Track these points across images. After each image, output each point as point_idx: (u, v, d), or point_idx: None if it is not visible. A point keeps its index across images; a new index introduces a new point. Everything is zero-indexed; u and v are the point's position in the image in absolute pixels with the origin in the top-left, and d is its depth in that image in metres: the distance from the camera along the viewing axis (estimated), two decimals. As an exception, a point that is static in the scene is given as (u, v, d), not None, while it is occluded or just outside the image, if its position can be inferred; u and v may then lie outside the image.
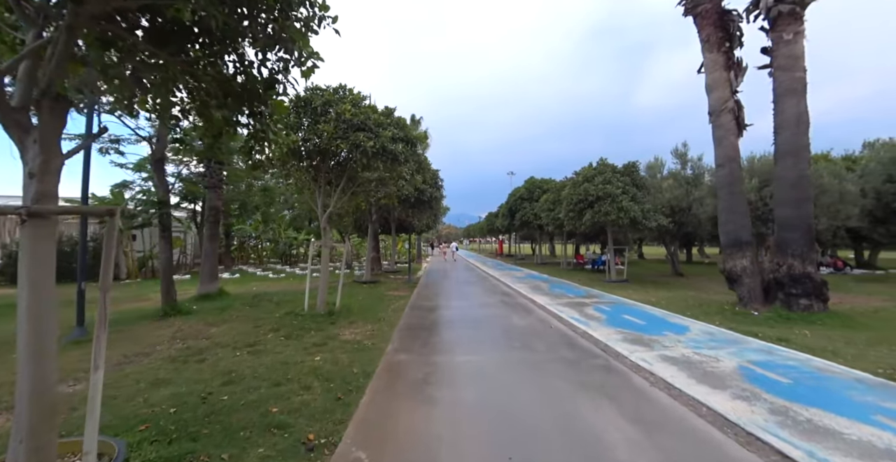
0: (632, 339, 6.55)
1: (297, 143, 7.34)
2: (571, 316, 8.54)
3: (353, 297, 11.36)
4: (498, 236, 44.24)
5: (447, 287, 14.19)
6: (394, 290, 13.17)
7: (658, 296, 11.53)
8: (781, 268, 8.12)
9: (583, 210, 14.65)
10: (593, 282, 15.26)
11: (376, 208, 14.71)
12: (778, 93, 8.32)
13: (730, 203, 8.96)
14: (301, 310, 8.66)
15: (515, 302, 10.65)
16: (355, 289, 13.18)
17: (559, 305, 9.88)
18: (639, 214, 13.70)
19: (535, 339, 6.61)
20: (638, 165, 15.29)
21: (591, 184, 14.45)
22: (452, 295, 12.14)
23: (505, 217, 28.22)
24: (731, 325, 7.52)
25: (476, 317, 8.57)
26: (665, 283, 15.05)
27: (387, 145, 7.49)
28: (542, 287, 13.75)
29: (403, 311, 9.10)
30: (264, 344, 6.12)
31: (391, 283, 14.91)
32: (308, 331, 7.02)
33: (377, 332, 7.10)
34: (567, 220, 15.64)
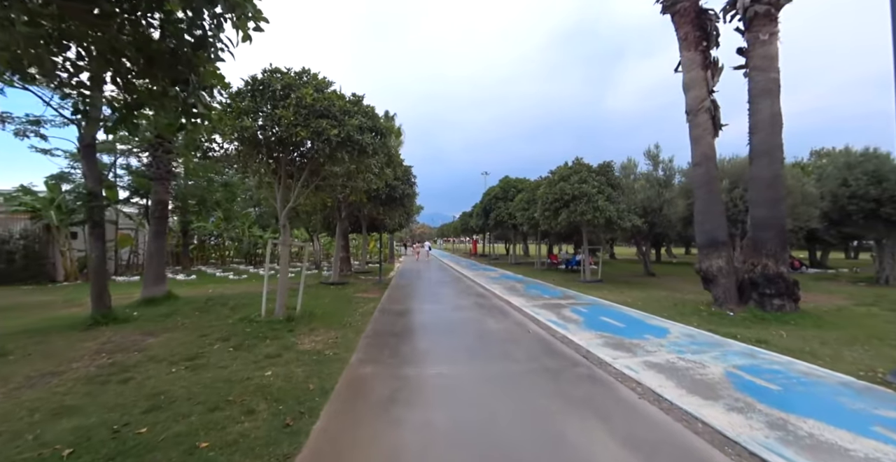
0: (613, 344, 6.22)
1: (251, 129, 6.57)
2: (549, 318, 8.18)
3: (318, 299, 10.60)
4: (472, 236, 44.02)
5: (420, 288, 13.61)
6: (363, 291, 12.46)
7: (633, 296, 11.42)
8: (756, 268, 8.08)
9: (558, 209, 14.45)
10: (568, 282, 15.10)
11: (345, 205, 13.94)
12: (753, 93, 8.28)
13: (706, 202, 8.88)
14: (257, 315, 7.87)
15: (491, 304, 10.22)
16: (322, 291, 12.38)
17: (535, 307, 9.53)
18: (614, 214, 13.62)
19: (512, 346, 6.16)
20: (613, 165, 15.26)
21: (567, 183, 14.26)
22: (425, 297, 11.58)
23: (479, 216, 27.92)
24: (709, 327, 7.37)
25: (450, 321, 8.06)
26: (638, 283, 15.10)
27: (353, 135, 6.84)
28: (518, 288, 13.42)
29: (372, 316, 8.46)
30: (208, 357, 5.36)
31: (361, 285, 14.17)
32: (262, 340, 6.27)
33: (341, 339, 6.45)
34: (542, 219, 15.42)
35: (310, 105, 6.68)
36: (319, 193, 9.27)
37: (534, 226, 20.29)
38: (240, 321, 7.54)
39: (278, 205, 7.81)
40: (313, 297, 10.92)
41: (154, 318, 7.88)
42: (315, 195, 9.30)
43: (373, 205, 13.19)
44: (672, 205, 16.87)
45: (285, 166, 7.79)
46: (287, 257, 8.08)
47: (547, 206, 14.85)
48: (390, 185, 12.28)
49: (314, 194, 9.23)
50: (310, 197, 9.39)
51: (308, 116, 6.67)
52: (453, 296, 11.75)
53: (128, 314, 7.95)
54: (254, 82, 7.18)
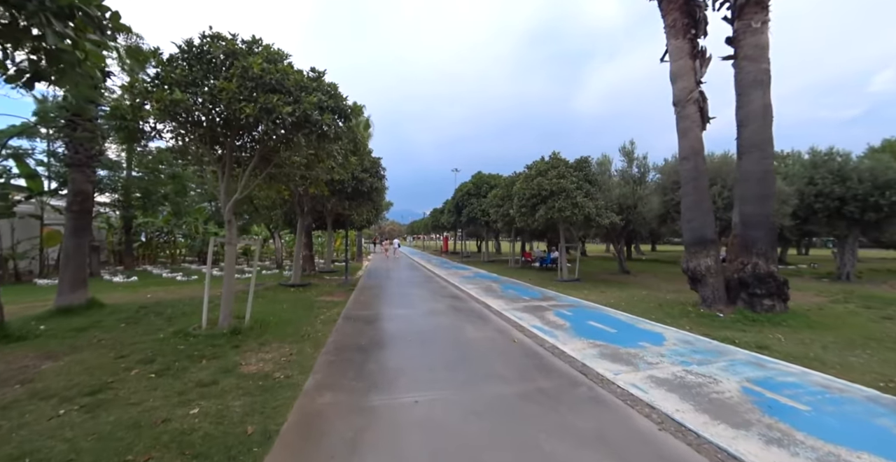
0: (610, 355, 5.55)
1: (184, 104, 5.35)
2: (533, 324, 7.46)
3: (274, 304, 9.40)
4: (443, 233, 43.19)
5: (389, 290, 12.61)
6: (327, 294, 11.31)
7: (615, 296, 10.97)
8: (746, 267, 7.71)
9: (536, 205, 13.85)
10: (545, 281, 14.57)
11: (307, 199, 12.68)
12: (743, 84, 7.89)
13: (695, 198, 8.45)
14: (197, 327, 6.65)
15: (467, 307, 9.41)
16: (280, 294, 11.13)
17: (517, 311, 8.81)
18: (593, 211, 13.18)
19: (498, 361, 5.35)
20: (590, 161, 14.83)
21: (544, 178, 13.67)
22: (395, 300, 10.60)
23: (451, 213, 27.12)
24: (703, 331, 6.89)
25: (424, 329, 7.15)
26: (616, 281, 14.79)
27: (311, 114, 5.76)
28: (494, 288, 12.71)
29: (334, 324, 7.42)
30: (118, 388, 4.19)
31: (324, 286, 12.98)
32: (196, 361, 5.13)
33: (296, 356, 5.41)
34: (519, 216, 14.79)
35: (257, 76, 5.54)
36: (274, 185, 8.07)
37: (508, 223, 19.71)
38: (174, 335, 6.29)
39: (221, 197, 6.60)
40: (269, 302, 9.70)
41: (64, 333, 6.47)
42: (269, 186, 8.10)
43: (337, 199, 12.03)
44: (646, 202, 16.74)
45: (231, 152, 6.59)
46: (233, 258, 6.89)
47: (524, 202, 14.22)
48: (357, 177, 11.18)
49: (267, 185, 8.04)
50: (262, 188, 8.19)
51: (255, 90, 5.54)
52: (426, 298, 10.84)
53: (30, 329, 6.49)
54: (189, 48, 5.93)
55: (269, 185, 8.17)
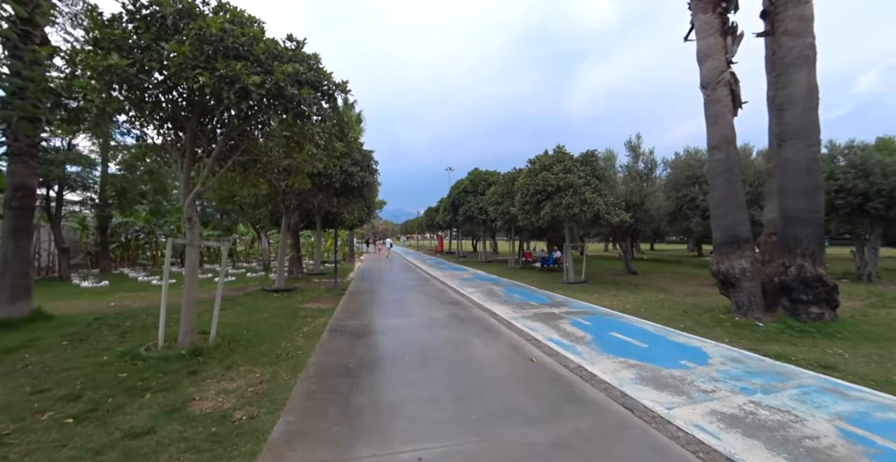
0: (652, 379, 4.57)
1: (122, 72, 4.24)
2: (550, 337, 6.46)
3: (253, 314, 8.29)
4: (437, 232, 42.11)
5: (383, 295, 11.54)
6: (313, 300, 10.21)
7: (630, 301, 10.02)
8: (789, 269, 6.78)
9: (540, 202, 12.87)
10: (550, 283, 13.61)
11: (294, 195, 11.55)
12: (785, 62, 6.95)
13: (727, 192, 7.51)
14: (152, 345, 5.55)
15: (471, 315, 8.38)
16: (262, 301, 10.01)
17: (527, 320, 7.81)
18: (603, 208, 12.23)
19: (518, 389, 4.33)
20: (597, 155, 13.88)
21: (549, 173, 12.69)
22: (389, 307, 9.54)
23: (447, 211, 26.08)
24: (747, 344, 5.95)
25: (424, 345, 6.11)
26: (626, 283, 13.86)
27: (285, 87, 4.69)
28: (497, 292, 11.70)
29: (318, 339, 6.34)
30: (11, 445, 3.09)
31: (312, 291, 11.87)
32: (137, 395, 4.04)
33: (267, 385, 4.35)
34: (521, 213, 13.79)
35: (217, 38, 4.45)
36: (250, 178, 6.97)
37: (508, 221, 18.73)
38: (120, 358, 5.19)
39: (181, 188, 5.51)
40: (247, 311, 8.58)
41: (-14, 354, 5.33)
42: (242, 179, 7.00)
43: (325, 195, 10.93)
44: (654, 199, 15.87)
45: (193, 137, 5.49)
46: (194, 262, 5.79)
47: (527, 198, 13.22)
48: (346, 171, 10.10)
49: (241, 178, 6.94)
50: (234, 181, 7.08)
51: (214, 55, 4.44)
52: (424, 304, 9.80)
53: (-56, 350, 5.34)
54: (136, 6, 4.82)
55: (244, 178, 7.07)
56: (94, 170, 18.81)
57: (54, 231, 16.87)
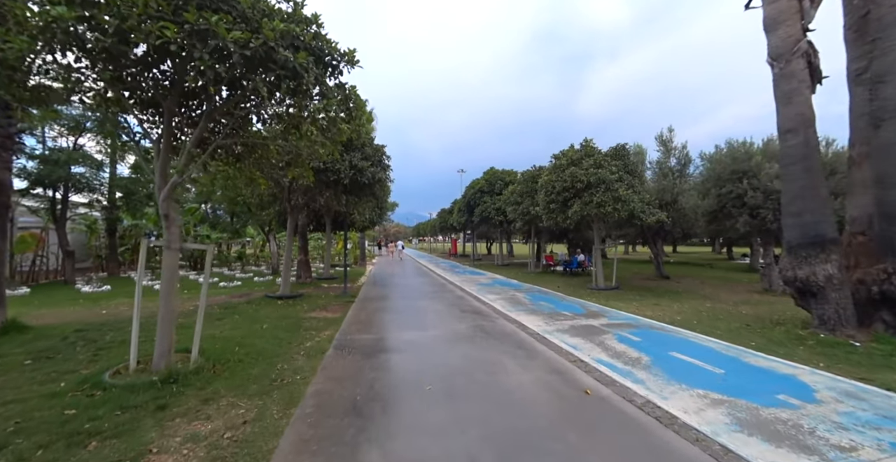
0: (756, 426, 3.43)
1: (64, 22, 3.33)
2: (598, 358, 5.35)
3: (251, 325, 7.37)
4: (451, 234, 41.04)
5: (397, 302, 10.53)
6: (320, 309, 9.26)
7: (675, 310, 8.81)
8: (892, 277, 5.52)
9: (568, 200, 11.72)
10: (578, 289, 12.43)
11: (300, 194, 10.65)
12: (884, 23, 5.75)
13: (805, 184, 6.29)
14: (123, 368, 4.63)
15: (498, 329, 7.30)
16: (263, 309, 9.10)
17: (564, 334, 6.70)
18: (638, 206, 11.03)
19: (582, 442, 3.23)
20: (628, 149, 12.67)
21: (578, 168, 11.54)
22: (404, 317, 8.53)
23: (461, 213, 25.02)
24: (851, 371, 4.75)
25: (448, 368, 5.06)
26: (661, 289, 12.59)
27: (276, 50, 3.73)
28: (522, 299, 10.59)
29: (321, 359, 5.35)
30: None
31: (319, 298, 10.93)
32: (80, 444, 3.08)
33: (250, 429, 3.36)
34: (546, 213, 12.65)
35: (188, -16, 3.51)
36: (244, 170, 6.03)
37: (529, 221, 17.58)
38: (80, 384, 4.26)
39: (156, 179, 4.59)
40: (244, 322, 7.66)
41: (-72, 378, 4.47)
42: (236, 172, 6.07)
43: (333, 193, 10.00)
44: (688, 196, 14.55)
45: (170, 118, 4.58)
46: (172, 267, 4.85)
47: (552, 196, 12.08)
48: (356, 166, 9.15)
49: (235, 171, 6.01)
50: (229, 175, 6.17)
51: (184, 5, 3.50)
52: (443, 314, 8.75)
53: None
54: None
55: (238, 172, 6.14)
56: (101, 171, 18.33)
57: (59, 234, 16.37)
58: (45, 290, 13.83)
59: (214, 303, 10.05)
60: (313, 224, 16.95)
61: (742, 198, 10.89)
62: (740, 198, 11.04)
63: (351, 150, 9.49)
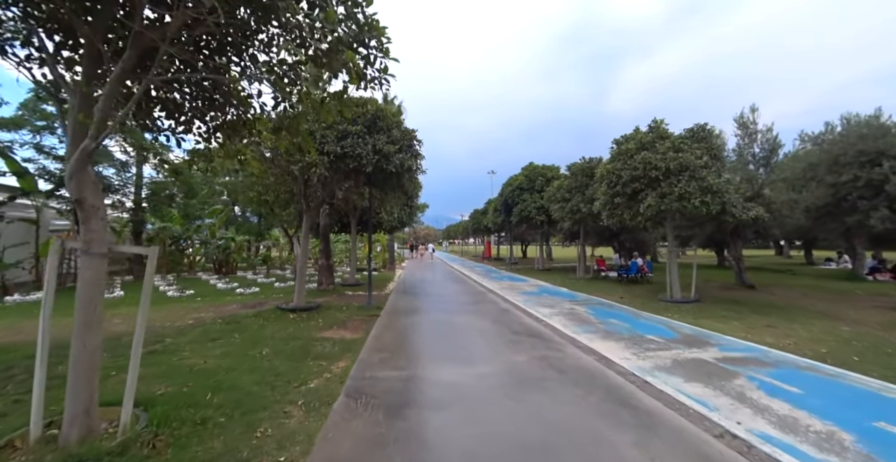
0: None
1: None
2: (758, 432, 3.30)
3: (250, 348, 5.79)
4: (485, 237, 38.94)
5: (430, 317, 8.74)
6: (337, 326, 7.59)
7: (806, 336, 6.50)
8: None
9: (639, 193, 9.53)
10: (648, 302, 10.18)
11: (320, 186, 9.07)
12: None
13: None
14: (20, 437, 3.05)
15: (571, 362, 5.33)
16: (270, 326, 7.53)
17: (672, 376, 4.64)
18: (733, 198, 8.72)
19: None
20: (711, 129, 10.30)
21: (652, 153, 9.35)
22: (441, 341, 6.70)
23: (498, 213, 23.02)
24: None
25: (517, 447, 3.16)
26: (756, 303, 10.10)
27: None
28: (584, 315, 8.52)
29: (325, 419, 3.59)
30: None
31: (339, 310, 9.28)
32: None
33: None
34: (609, 209, 10.49)
35: None
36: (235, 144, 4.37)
37: (579, 220, 15.37)
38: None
39: (67, 139, 2.99)
40: (243, 344, 6.09)
41: None
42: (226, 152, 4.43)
43: (354, 183, 8.35)
44: (778, 189, 11.93)
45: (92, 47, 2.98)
46: (95, 281, 3.22)
47: (618, 189, 9.92)
48: (381, 150, 7.44)
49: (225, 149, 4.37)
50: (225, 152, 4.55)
51: None
52: (490, 336, 6.86)
53: None
54: None
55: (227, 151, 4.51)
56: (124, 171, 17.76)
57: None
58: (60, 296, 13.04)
59: (221, 315, 8.64)
60: (338, 225, 15.51)
61: (879, 186, 8.34)
62: (873, 186, 8.48)
63: (375, 132, 7.80)
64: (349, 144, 7.36)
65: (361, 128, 7.68)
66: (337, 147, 7.26)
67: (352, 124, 7.67)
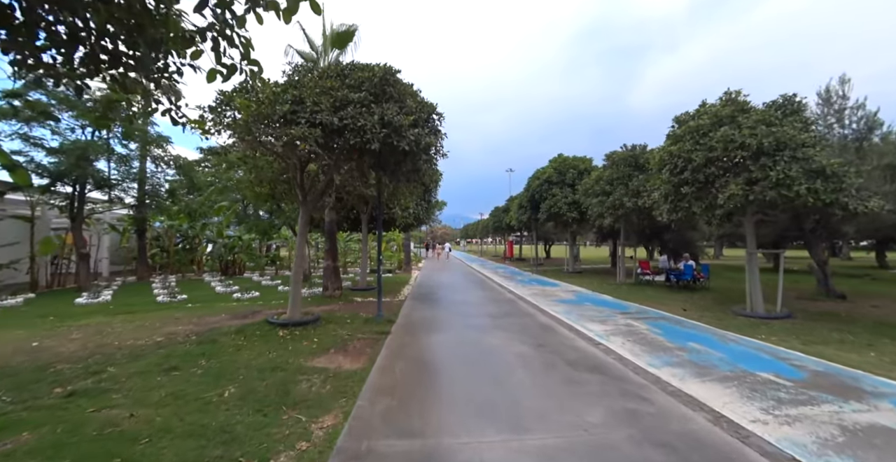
0: None
1: None
2: None
3: (211, 386, 4.19)
4: (507, 236, 36.86)
5: (452, 337, 6.99)
6: (335, 349, 5.91)
7: None
8: None
9: (715, 179, 7.53)
10: (718, 315, 8.18)
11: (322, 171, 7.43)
12: None
13: None
14: None
15: (674, 427, 3.50)
16: (249, 349, 5.92)
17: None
18: (854, 184, 6.66)
19: None
20: (803, 102, 8.17)
21: (734, 129, 7.34)
22: (471, 379, 4.92)
23: (523, 210, 21.08)
24: None
25: None
26: (872, 320, 7.95)
27: None
28: (651, 335, 6.61)
29: None
30: None
31: (340, 326, 7.60)
32: None
33: None
34: (672, 202, 8.51)
35: None
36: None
37: (622, 216, 13.35)
38: None
39: None
40: (207, 379, 4.48)
41: None
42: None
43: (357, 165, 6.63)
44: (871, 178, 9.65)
45: None
46: None
47: (686, 176, 7.93)
48: (390, 122, 5.69)
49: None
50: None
51: None
52: (537, 370, 5.05)
53: None
54: None
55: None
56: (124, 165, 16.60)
57: (74, 234, 14.73)
58: (44, 300, 11.93)
59: (199, 329, 7.13)
60: (348, 222, 13.95)
61: None
62: None
63: (383, 101, 6.09)
64: (349, 115, 5.67)
65: (366, 95, 5.98)
66: (333, 118, 5.58)
67: (353, 91, 5.98)
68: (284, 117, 5.51)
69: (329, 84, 6.00)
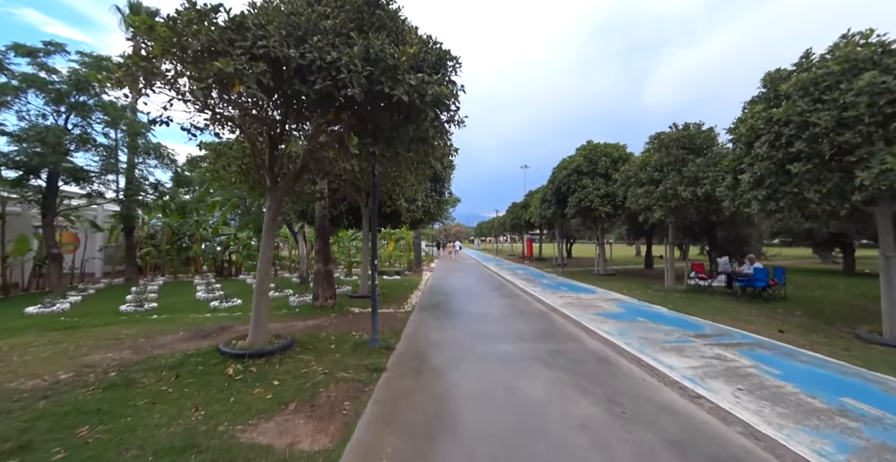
0: None
1: None
2: None
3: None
4: (524, 233, 34.44)
5: (473, 382, 4.92)
6: (293, 402, 3.92)
7: None
8: None
9: (853, 150, 5.24)
10: (850, 345, 5.90)
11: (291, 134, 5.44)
12: None
13: None
14: None
15: None
16: (166, 404, 3.96)
17: None
18: None
19: None
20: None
21: (882, 73, 5.03)
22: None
23: (547, 204, 18.79)
24: None
25: None
26: None
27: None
28: (767, 380, 4.42)
29: None
30: None
31: (317, 357, 5.59)
32: None
33: None
34: (769, 185, 6.23)
35: None
36: None
37: (675, 208, 11.03)
38: None
39: None
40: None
41: None
42: None
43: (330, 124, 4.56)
44: None
45: None
46: None
47: (801, 147, 5.65)
48: (378, 59, 3.66)
49: None
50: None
51: None
52: (623, 458, 2.94)
53: None
54: None
55: None
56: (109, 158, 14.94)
57: (45, 232, 13.20)
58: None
59: (129, 360, 5.25)
60: (347, 218, 11.98)
61: None
62: None
63: (370, 30, 4.04)
64: (314, 47, 3.63)
65: (343, 21, 3.93)
66: (290, 50, 3.55)
67: (323, 18, 3.95)
68: (212, 48, 3.51)
69: (292, 7, 3.98)
